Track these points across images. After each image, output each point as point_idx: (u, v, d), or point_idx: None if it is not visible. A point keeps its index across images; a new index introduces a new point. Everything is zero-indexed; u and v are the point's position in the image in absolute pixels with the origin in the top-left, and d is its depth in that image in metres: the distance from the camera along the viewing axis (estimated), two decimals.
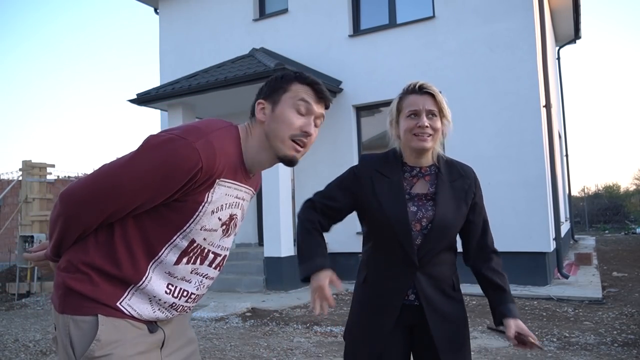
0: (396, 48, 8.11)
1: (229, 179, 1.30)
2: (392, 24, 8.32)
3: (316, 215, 1.70)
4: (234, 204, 1.36)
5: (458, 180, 1.71)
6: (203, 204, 1.27)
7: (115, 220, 1.27)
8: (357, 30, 8.66)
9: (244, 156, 1.34)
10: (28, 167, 10.31)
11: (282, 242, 7.37)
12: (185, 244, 1.30)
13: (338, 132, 8.45)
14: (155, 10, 10.91)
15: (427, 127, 1.63)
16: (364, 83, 8.22)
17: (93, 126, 68.93)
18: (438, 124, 1.66)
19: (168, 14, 10.55)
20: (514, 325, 1.60)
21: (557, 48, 12.89)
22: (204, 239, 1.32)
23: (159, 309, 1.33)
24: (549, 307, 5.70)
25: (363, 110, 8.48)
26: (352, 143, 8.38)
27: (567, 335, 4.58)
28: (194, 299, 1.40)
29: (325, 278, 1.53)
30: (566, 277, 7.18)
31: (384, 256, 1.70)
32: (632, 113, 47.69)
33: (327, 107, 1.40)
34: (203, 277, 1.39)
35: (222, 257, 1.42)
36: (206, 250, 1.35)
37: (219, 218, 1.32)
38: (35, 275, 8.38)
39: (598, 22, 55.12)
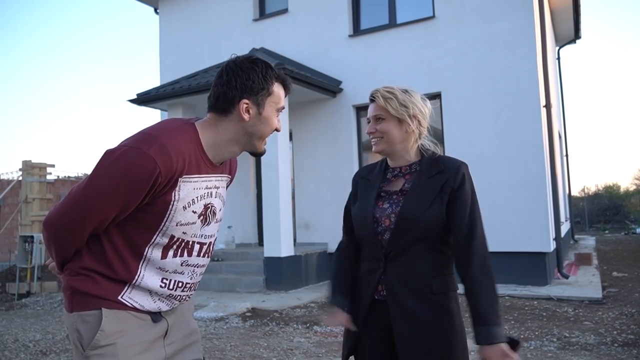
0: (396, 48, 8.11)
1: (193, 174, 1.39)
2: (392, 24, 8.31)
3: (344, 239, 1.96)
4: (206, 194, 1.45)
5: (436, 176, 1.66)
6: (172, 202, 1.36)
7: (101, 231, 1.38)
8: (357, 30, 8.66)
9: (205, 150, 1.41)
10: (28, 167, 10.31)
11: (282, 242, 7.36)
12: (165, 240, 1.40)
13: (338, 132, 8.46)
14: (155, 10, 10.91)
15: (374, 132, 1.73)
16: (364, 83, 8.20)
17: (93, 126, 68.85)
18: (387, 127, 1.71)
19: (168, 14, 10.55)
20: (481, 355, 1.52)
21: (557, 48, 12.89)
22: (184, 233, 1.42)
23: (159, 299, 1.44)
24: (549, 307, 5.70)
25: (363, 110, 8.47)
26: (352, 143, 8.38)
27: (567, 335, 4.58)
28: (190, 287, 1.51)
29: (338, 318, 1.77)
30: (566, 277, 7.18)
31: (364, 252, 1.79)
32: (632, 113, 47.72)
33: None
34: (194, 267, 1.50)
35: (207, 244, 1.52)
36: (190, 242, 1.46)
37: (193, 211, 1.42)
38: (35, 275, 8.37)
39: (598, 22, 55.16)
